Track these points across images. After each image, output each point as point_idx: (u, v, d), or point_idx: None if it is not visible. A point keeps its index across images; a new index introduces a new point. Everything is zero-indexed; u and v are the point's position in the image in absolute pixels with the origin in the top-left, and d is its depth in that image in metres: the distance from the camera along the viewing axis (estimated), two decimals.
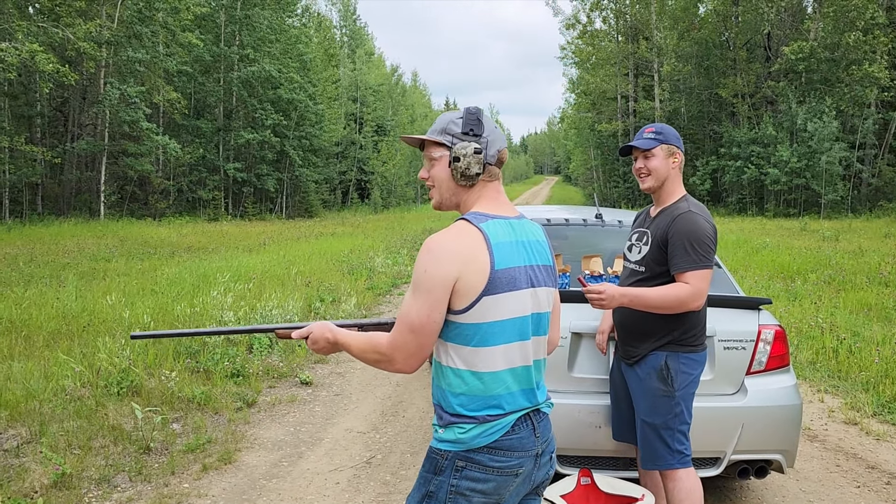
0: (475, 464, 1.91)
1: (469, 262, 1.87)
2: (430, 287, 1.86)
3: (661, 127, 3.22)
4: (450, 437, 1.93)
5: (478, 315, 1.89)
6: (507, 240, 1.96)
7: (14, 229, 21.22)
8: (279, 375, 6.66)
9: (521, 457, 1.95)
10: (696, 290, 2.99)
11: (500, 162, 2.06)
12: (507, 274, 1.92)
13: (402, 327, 1.90)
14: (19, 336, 7.18)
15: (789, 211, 32.91)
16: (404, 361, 1.92)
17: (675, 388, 3.08)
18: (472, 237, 1.91)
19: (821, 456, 4.89)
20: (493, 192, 2.05)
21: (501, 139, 2.06)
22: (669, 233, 3.07)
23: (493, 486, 1.92)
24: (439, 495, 1.93)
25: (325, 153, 44.02)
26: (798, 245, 17.45)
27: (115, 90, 26.35)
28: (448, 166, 2.02)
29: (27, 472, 4.26)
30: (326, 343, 2.11)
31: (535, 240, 2.06)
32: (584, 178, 59.92)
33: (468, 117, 2.02)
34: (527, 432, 1.97)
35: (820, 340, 7.67)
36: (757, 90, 36.79)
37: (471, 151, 1.97)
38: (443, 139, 2.02)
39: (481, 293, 1.88)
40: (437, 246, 1.89)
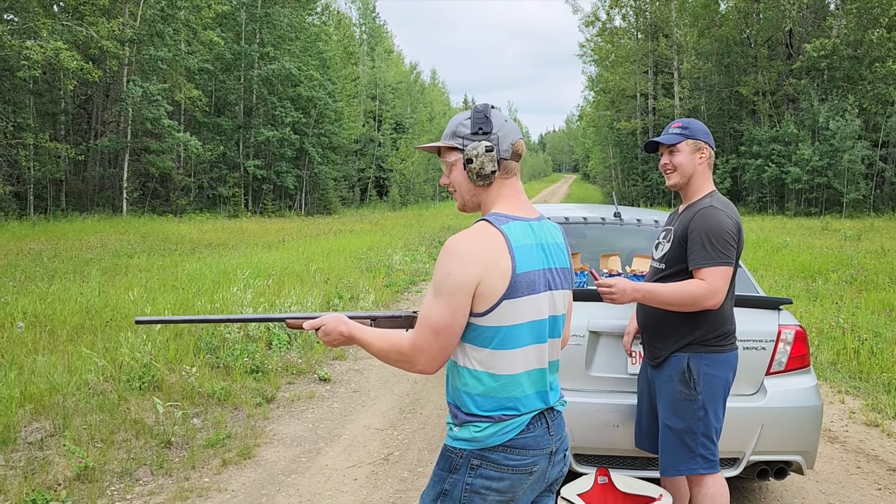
0: (490, 462, 1.91)
1: (491, 266, 1.86)
2: (452, 290, 1.85)
3: (687, 122, 3.14)
4: (465, 435, 1.93)
5: (497, 318, 1.88)
6: (528, 242, 1.94)
7: (38, 225, 21.48)
8: (298, 372, 6.71)
9: (535, 455, 1.95)
10: (711, 287, 2.92)
11: (517, 155, 2.03)
12: (527, 278, 1.91)
13: (425, 329, 1.89)
14: (43, 330, 7.28)
15: (810, 210, 32.59)
16: (426, 363, 1.92)
17: (697, 391, 3.01)
18: (493, 240, 1.89)
19: (841, 458, 4.86)
20: (512, 191, 2.03)
21: (513, 131, 2.02)
22: (689, 228, 3.01)
23: (507, 485, 1.92)
24: (454, 493, 1.93)
25: (344, 150, 44.12)
26: (819, 244, 17.29)
27: (137, 88, 26.57)
28: (463, 169, 2.01)
29: (51, 464, 4.33)
30: (339, 336, 2.09)
31: (554, 242, 2.05)
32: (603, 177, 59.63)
33: (475, 116, 2.00)
34: (541, 431, 1.97)
35: (841, 341, 7.60)
36: (778, 88, 36.45)
37: (482, 150, 1.96)
38: (454, 143, 2.01)
39: (502, 297, 1.87)
40: (459, 248, 1.88)
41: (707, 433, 3.03)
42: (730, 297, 3.09)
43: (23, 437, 4.78)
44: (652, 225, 4.50)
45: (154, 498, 4.08)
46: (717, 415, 3.06)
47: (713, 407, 3.04)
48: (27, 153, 24.00)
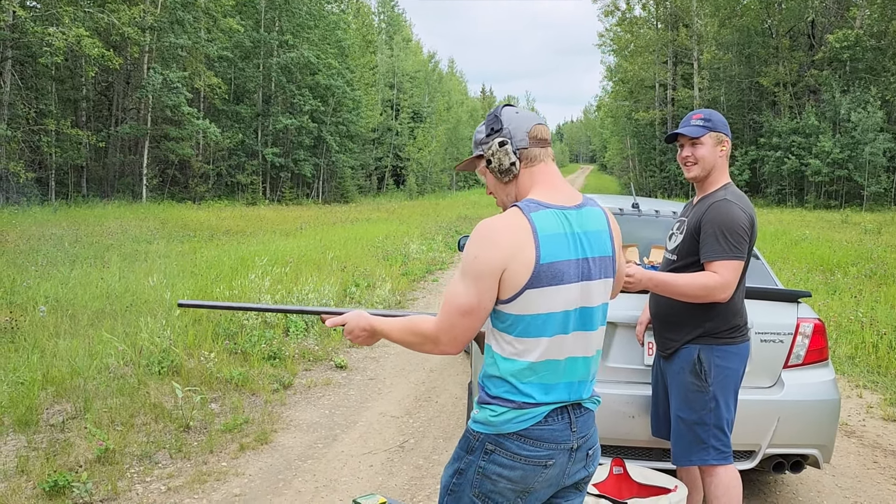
0: (503, 449, 1.91)
1: (516, 254, 1.85)
2: (478, 273, 1.86)
3: (709, 113, 3.11)
4: (482, 418, 1.94)
5: (521, 307, 1.87)
6: (558, 231, 1.90)
7: (60, 210, 21.70)
8: (315, 359, 6.76)
9: (551, 448, 1.92)
10: (724, 280, 2.90)
11: (538, 141, 2.01)
12: (554, 268, 1.88)
13: (452, 310, 1.90)
14: (65, 314, 7.38)
15: (830, 203, 32.29)
16: (449, 343, 1.93)
17: (708, 382, 3.01)
18: (520, 228, 1.88)
19: (858, 452, 4.84)
20: (546, 177, 2.00)
21: (528, 119, 2.01)
22: (703, 220, 3.00)
23: (519, 475, 1.91)
24: (468, 474, 1.95)
25: (362, 139, 44.21)
26: (838, 238, 17.14)
27: (157, 75, 26.74)
28: (489, 171, 2.03)
29: (72, 446, 4.40)
30: (362, 332, 2.12)
31: (596, 230, 1.99)
32: (620, 168, 59.39)
33: (487, 119, 2.04)
34: (561, 425, 1.94)
35: (859, 335, 7.55)
36: (799, 79, 36.08)
37: (496, 147, 1.97)
38: (478, 151, 2.05)
39: (525, 286, 1.86)
40: (488, 232, 1.88)
41: (719, 424, 3.03)
42: (740, 289, 3.08)
43: (45, 419, 4.86)
44: (670, 216, 4.49)
45: (173, 481, 4.14)
46: (728, 406, 3.06)
47: (724, 398, 3.04)
48: (49, 139, 24.25)
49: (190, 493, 4.00)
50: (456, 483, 1.98)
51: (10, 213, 19.94)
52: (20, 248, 12.93)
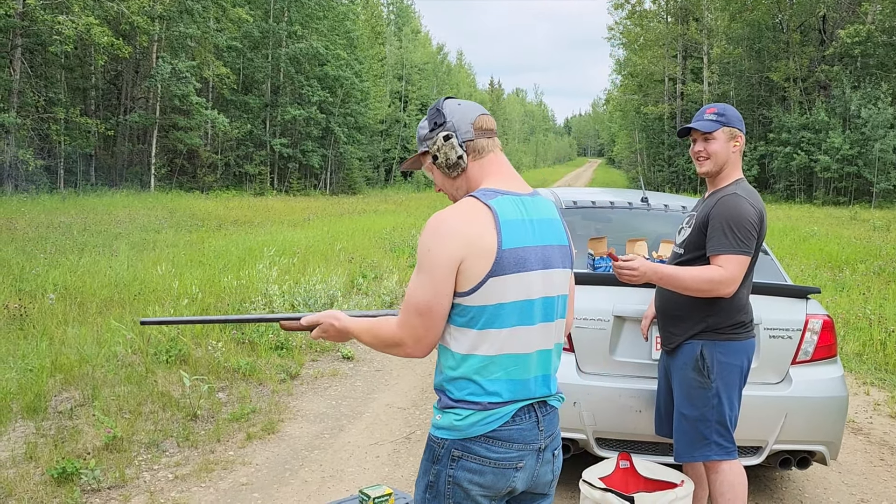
0: (471, 454, 1.82)
1: (474, 242, 1.77)
2: (433, 268, 1.78)
3: (723, 108, 3.06)
4: (445, 423, 1.85)
5: (483, 297, 1.79)
6: (517, 217, 1.84)
7: (69, 199, 21.76)
8: (322, 349, 6.78)
9: (521, 450, 1.86)
10: (729, 275, 2.87)
11: (484, 131, 1.93)
12: (516, 254, 1.81)
13: (409, 309, 1.82)
14: (74, 302, 7.42)
15: (839, 199, 32.12)
16: (414, 346, 1.84)
17: (711, 378, 3.00)
18: (478, 215, 1.80)
19: (865, 449, 4.83)
20: (496, 167, 1.94)
21: (471, 110, 1.93)
22: (711, 214, 2.97)
23: (490, 479, 1.84)
24: (439, 486, 1.86)
25: (370, 131, 44.15)
26: (847, 234, 17.07)
27: (166, 64, 26.75)
28: (435, 167, 1.96)
29: (80, 433, 4.43)
30: (333, 329, 2.03)
31: (549, 218, 1.94)
32: (628, 162, 59.23)
33: (429, 114, 1.97)
34: (529, 424, 1.88)
35: (867, 332, 7.52)
36: (810, 74, 35.86)
37: (441, 142, 1.90)
38: (422, 147, 1.98)
39: (487, 274, 1.78)
40: (440, 224, 1.80)
41: (721, 420, 3.02)
42: (746, 286, 3.06)
43: (53, 406, 4.89)
44: (679, 210, 4.47)
45: (180, 469, 4.16)
46: (731, 402, 3.04)
47: (728, 394, 3.02)
48: (58, 127, 24.29)
49: (197, 481, 4.02)
50: (429, 497, 1.89)
51: (19, 200, 20.01)
52: (29, 236, 12.99)
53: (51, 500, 3.65)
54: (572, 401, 3.55)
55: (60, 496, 3.68)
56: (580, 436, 3.62)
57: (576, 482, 3.38)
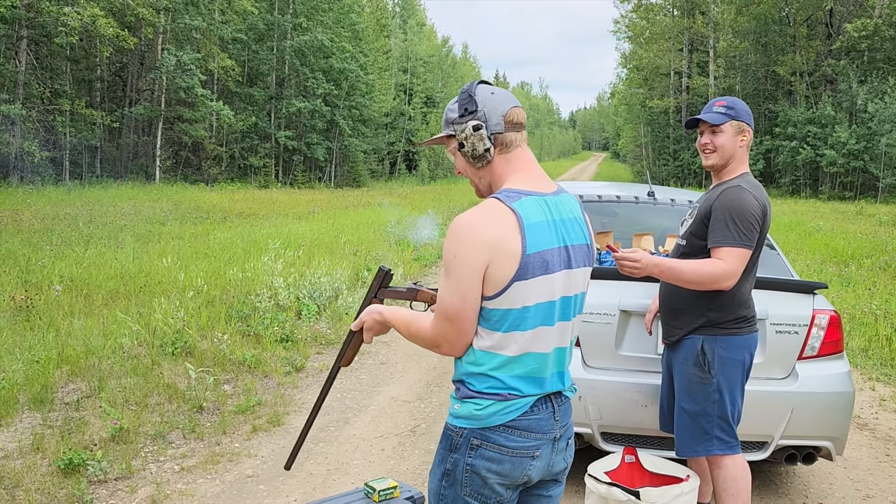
0: (490, 443, 1.84)
1: (499, 247, 1.76)
2: (460, 273, 1.77)
3: (732, 101, 3.05)
4: (465, 412, 1.86)
5: (509, 301, 1.79)
6: (542, 219, 1.83)
7: (74, 191, 21.80)
8: (327, 342, 6.79)
9: (538, 439, 1.88)
10: (729, 268, 2.85)
11: (514, 125, 1.90)
12: (540, 258, 1.80)
13: (440, 315, 1.83)
14: (80, 294, 7.44)
15: (845, 194, 32.01)
16: (449, 348, 1.87)
17: (712, 374, 2.99)
18: (503, 219, 1.78)
19: (870, 445, 4.82)
20: (522, 164, 1.91)
21: (504, 101, 1.89)
22: (713, 206, 2.95)
23: (508, 468, 1.85)
24: (456, 474, 1.88)
25: (375, 123, 44.11)
26: (853, 229, 17.01)
27: (171, 56, 26.74)
28: (461, 154, 1.93)
29: (87, 425, 4.44)
30: (377, 325, 2.07)
31: (572, 217, 1.92)
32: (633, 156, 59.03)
33: (460, 98, 1.91)
34: (546, 414, 1.90)
35: (873, 328, 7.51)
36: (816, 68, 35.71)
37: (470, 130, 1.86)
38: (448, 131, 1.94)
39: (512, 279, 1.77)
40: (465, 229, 1.78)
41: (723, 415, 3.01)
42: (749, 280, 3.05)
43: (60, 397, 4.91)
44: (686, 205, 4.47)
45: (186, 461, 4.17)
46: (733, 397, 3.03)
47: (729, 389, 3.01)
48: (63, 119, 24.33)
49: (203, 473, 4.03)
50: (446, 485, 1.90)
51: (24, 192, 20.05)
52: (35, 228, 13.02)
53: (58, 491, 3.66)
54: (578, 395, 3.55)
55: (67, 487, 3.70)
56: (585, 430, 3.62)
57: (581, 476, 3.39)
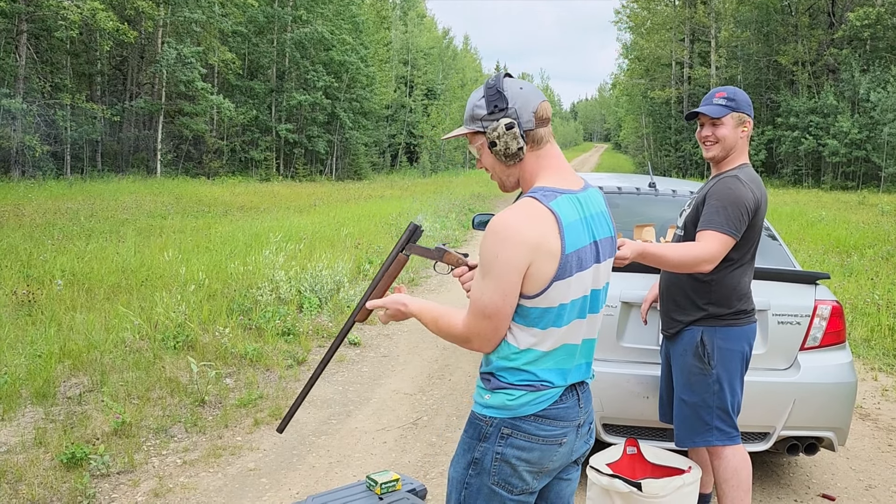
0: (521, 432, 1.87)
1: (541, 248, 1.77)
2: (501, 273, 1.77)
3: (733, 92, 3.02)
4: (496, 402, 1.88)
5: (548, 300, 1.81)
6: (576, 218, 1.85)
7: (75, 185, 21.80)
8: (328, 335, 6.78)
9: (565, 427, 1.91)
10: (710, 252, 2.83)
11: (543, 121, 1.89)
12: (577, 256, 1.83)
13: (476, 312, 1.83)
14: (81, 288, 7.44)
15: (847, 184, 31.96)
16: (481, 344, 1.87)
17: (711, 365, 2.98)
18: (543, 220, 1.79)
19: (872, 435, 4.82)
20: (553, 161, 1.92)
21: (532, 97, 1.87)
22: (709, 193, 2.96)
23: (538, 456, 1.89)
24: (484, 462, 1.89)
25: (376, 116, 44.04)
26: (855, 219, 16.98)
27: (171, 50, 26.70)
28: (490, 152, 1.91)
29: (89, 419, 4.45)
30: (400, 314, 2.06)
31: (599, 211, 1.95)
32: (635, 147, 58.95)
33: (488, 94, 1.88)
34: (572, 402, 1.93)
35: (876, 317, 7.50)
36: (818, 58, 35.59)
37: (503, 130, 1.84)
38: (475, 127, 1.91)
39: (553, 279, 1.79)
40: (507, 229, 1.77)
41: (722, 406, 3.01)
42: (748, 273, 3.03)
43: (62, 391, 4.91)
44: (687, 196, 4.45)
45: (189, 454, 4.18)
46: (733, 388, 3.02)
47: (729, 380, 3.00)
48: (64, 113, 24.31)
49: (205, 466, 4.04)
50: (472, 474, 1.92)
51: (26, 186, 20.05)
52: (36, 222, 13.03)
53: (60, 486, 3.67)
54: None
55: (70, 481, 3.70)
56: None
57: (583, 468, 3.38)
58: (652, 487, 2.98)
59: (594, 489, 3.16)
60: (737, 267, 2.97)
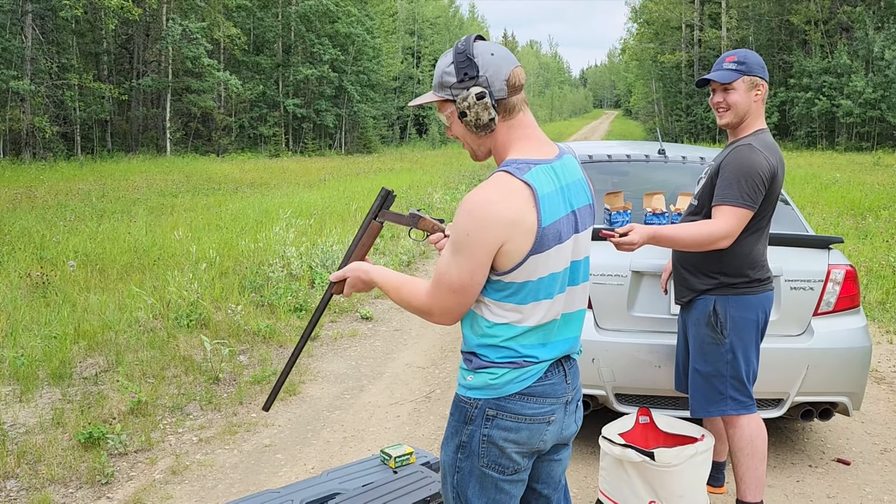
0: (506, 412, 1.82)
1: (515, 225, 1.71)
2: (473, 251, 1.72)
3: (744, 55, 2.93)
4: (479, 383, 1.83)
5: (523, 274, 1.76)
6: (552, 189, 1.77)
7: (86, 165, 21.87)
8: (340, 310, 6.80)
9: (552, 404, 1.86)
10: (727, 228, 2.80)
11: (516, 88, 1.79)
12: (554, 228, 1.76)
13: (442, 287, 1.78)
14: (94, 269, 7.49)
15: (862, 145, 31.53)
16: (441, 317, 1.83)
17: (724, 335, 2.96)
18: (517, 194, 1.72)
19: (888, 398, 4.80)
20: (526, 132, 1.84)
21: (505, 64, 1.78)
22: (723, 164, 2.90)
23: (526, 436, 1.84)
24: (472, 445, 1.85)
25: (383, 88, 43.82)
26: (870, 181, 16.79)
27: (176, 26, 26.59)
28: (461, 122, 1.83)
29: (105, 399, 4.49)
30: (360, 282, 2.02)
31: (576, 180, 1.87)
32: (645, 113, 58.37)
33: (457, 60, 1.78)
34: (558, 378, 1.88)
35: (891, 280, 7.44)
36: (831, 16, 34.93)
37: (473, 100, 1.75)
38: (445, 95, 1.82)
39: (528, 253, 1.74)
40: (479, 207, 1.71)
41: (736, 375, 2.98)
42: (762, 242, 2.99)
43: (78, 372, 4.96)
44: (697, 162, 4.40)
45: (204, 432, 4.21)
46: (747, 357, 2.99)
47: (743, 349, 2.97)
48: (72, 93, 24.32)
49: (221, 443, 4.07)
50: (462, 457, 1.88)
51: (37, 168, 20.14)
52: (49, 204, 13.09)
53: (79, 465, 3.71)
54: (591, 357, 3.54)
55: (88, 461, 3.75)
56: (600, 392, 3.62)
57: (596, 438, 3.39)
58: (665, 456, 2.98)
59: (607, 459, 3.16)
60: (749, 235, 2.92)
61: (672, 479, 3.00)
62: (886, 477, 3.72)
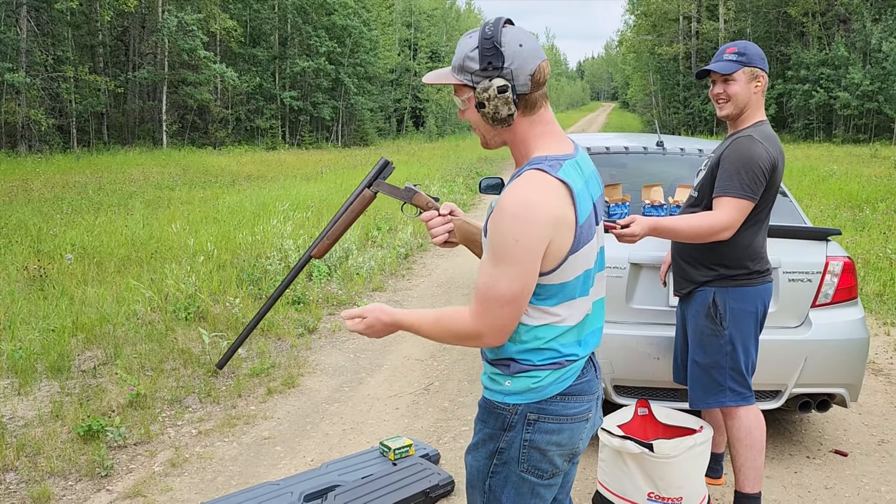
0: (548, 415, 1.76)
1: (560, 224, 1.64)
2: (522, 258, 1.62)
3: (744, 46, 2.93)
4: (520, 387, 1.76)
5: (563, 274, 1.70)
6: (581, 185, 1.73)
7: (82, 158, 21.80)
8: (338, 303, 6.80)
9: (589, 401, 1.83)
10: (727, 219, 2.80)
11: (539, 85, 1.71)
12: (587, 224, 1.72)
13: (491, 303, 1.66)
14: (91, 262, 7.47)
15: (859, 137, 31.52)
16: (495, 337, 1.71)
17: (723, 326, 2.96)
18: (556, 193, 1.65)
19: (885, 390, 4.81)
20: (546, 127, 1.77)
21: (531, 57, 1.68)
22: (723, 155, 2.90)
23: (567, 437, 1.79)
24: (511, 451, 1.78)
25: (380, 81, 43.68)
26: (867, 173, 16.80)
27: (172, 18, 26.48)
28: (477, 110, 1.73)
29: (104, 391, 4.49)
30: (378, 322, 1.84)
31: (591, 171, 1.83)
32: (643, 105, 58.30)
33: (483, 47, 1.67)
34: (592, 374, 1.86)
35: (888, 272, 7.45)
36: (829, 8, 34.87)
37: (494, 93, 1.66)
38: (465, 80, 1.72)
39: (568, 252, 1.68)
40: (524, 209, 1.61)
41: (735, 367, 2.99)
42: (762, 234, 2.99)
43: (76, 365, 4.96)
44: (696, 154, 4.40)
45: (203, 424, 4.22)
46: (746, 349, 3.00)
47: (742, 341, 2.98)
48: (68, 86, 24.22)
49: (220, 436, 4.08)
50: (498, 463, 1.81)
51: (33, 161, 20.08)
52: (45, 197, 13.06)
53: (78, 458, 3.72)
54: None
55: (87, 453, 3.75)
56: None
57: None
58: (663, 448, 2.98)
59: (606, 451, 3.17)
60: (749, 226, 2.92)
61: (671, 470, 3.01)
62: (884, 468, 3.73)
